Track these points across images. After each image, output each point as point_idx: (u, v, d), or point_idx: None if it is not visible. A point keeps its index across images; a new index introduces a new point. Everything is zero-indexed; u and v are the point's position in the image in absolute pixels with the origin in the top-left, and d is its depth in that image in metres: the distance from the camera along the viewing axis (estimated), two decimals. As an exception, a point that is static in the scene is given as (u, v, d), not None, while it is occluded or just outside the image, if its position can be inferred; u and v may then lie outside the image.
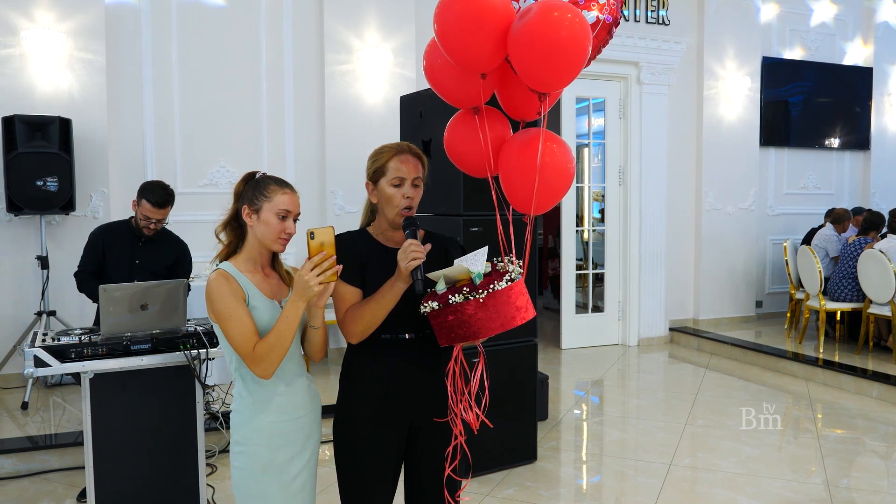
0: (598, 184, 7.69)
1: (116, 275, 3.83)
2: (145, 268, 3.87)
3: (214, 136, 6.08)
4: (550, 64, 1.88)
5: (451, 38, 1.95)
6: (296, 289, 1.93)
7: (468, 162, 2.27)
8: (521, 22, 1.85)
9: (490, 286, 1.85)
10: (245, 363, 1.99)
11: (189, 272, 4.08)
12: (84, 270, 3.96)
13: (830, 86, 8.62)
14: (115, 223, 4.11)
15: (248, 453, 2.05)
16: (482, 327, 1.86)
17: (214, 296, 1.99)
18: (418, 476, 2.16)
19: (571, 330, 7.27)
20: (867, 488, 3.82)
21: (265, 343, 1.95)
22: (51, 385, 5.40)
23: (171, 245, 4.02)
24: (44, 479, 3.91)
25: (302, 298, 1.92)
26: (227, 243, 2.11)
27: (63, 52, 5.47)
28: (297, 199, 2.09)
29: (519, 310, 1.89)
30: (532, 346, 4.12)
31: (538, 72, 1.91)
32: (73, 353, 2.73)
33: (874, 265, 6.14)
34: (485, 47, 1.92)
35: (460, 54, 1.97)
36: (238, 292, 2.00)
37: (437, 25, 1.96)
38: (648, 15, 7.42)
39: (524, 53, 1.88)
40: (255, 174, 2.10)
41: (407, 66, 6.43)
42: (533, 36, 1.83)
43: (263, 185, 2.06)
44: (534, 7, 1.85)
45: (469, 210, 3.86)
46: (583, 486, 4.06)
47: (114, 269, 3.89)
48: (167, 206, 3.82)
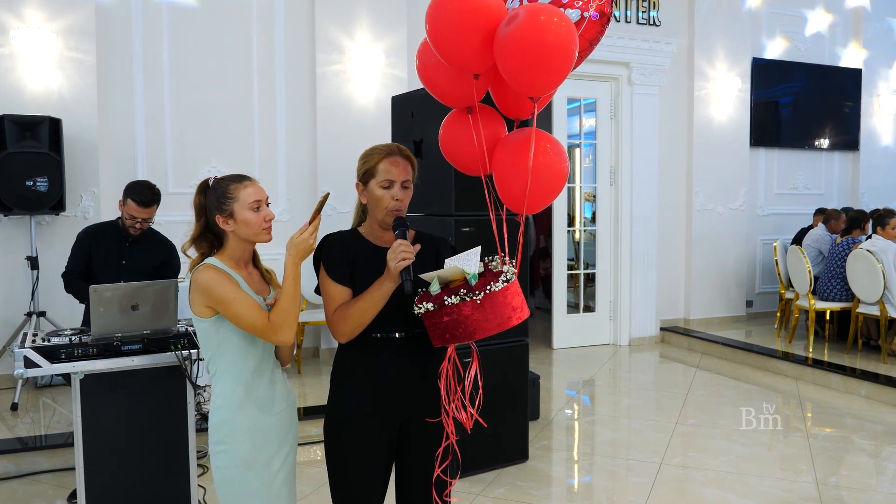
0: (590, 184, 7.71)
1: (104, 275, 3.81)
2: (133, 268, 3.85)
3: (205, 137, 6.06)
4: (537, 70, 1.88)
5: (443, 38, 1.95)
6: (294, 251, 1.98)
7: (463, 160, 2.27)
8: (507, 29, 1.85)
9: (487, 287, 1.85)
10: (264, 337, 2.02)
11: (178, 272, 4.07)
12: (71, 271, 3.95)
13: (820, 87, 8.67)
14: (103, 224, 4.10)
15: (230, 451, 2.05)
16: (478, 328, 1.86)
17: (212, 284, 1.99)
18: (409, 475, 2.17)
19: (563, 330, 7.29)
20: (856, 486, 3.85)
21: (278, 310, 1.99)
22: (41, 386, 5.37)
23: (158, 245, 4.00)
24: (34, 480, 3.89)
25: (299, 256, 1.98)
26: (199, 255, 2.12)
27: (53, 52, 5.44)
28: (259, 185, 2.11)
29: (515, 310, 1.90)
30: (523, 346, 4.13)
31: (524, 78, 1.91)
32: (63, 354, 2.72)
33: (862, 265, 6.18)
34: (476, 48, 1.92)
35: (452, 55, 1.97)
36: (232, 278, 2.02)
37: (429, 26, 1.96)
38: (639, 16, 7.44)
39: (510, 60, 1.88)
40: (207, 182, 2.11)
41: (398, 66, 6.43)
42: (518, 43, 1.82)
43: (222, 189, 2.07)
44: (519, 13, 1.84)
45: (461, 210, 3.87)
46: (574, 485, 4.07)
47: (101, 270, 3.87)
48: (153, 206, 3.80)
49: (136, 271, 3.81)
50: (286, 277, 1.99)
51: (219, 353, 2.06)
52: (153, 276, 3.83)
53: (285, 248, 2.00)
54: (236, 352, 2.06)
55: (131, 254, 3.91)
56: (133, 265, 3.88)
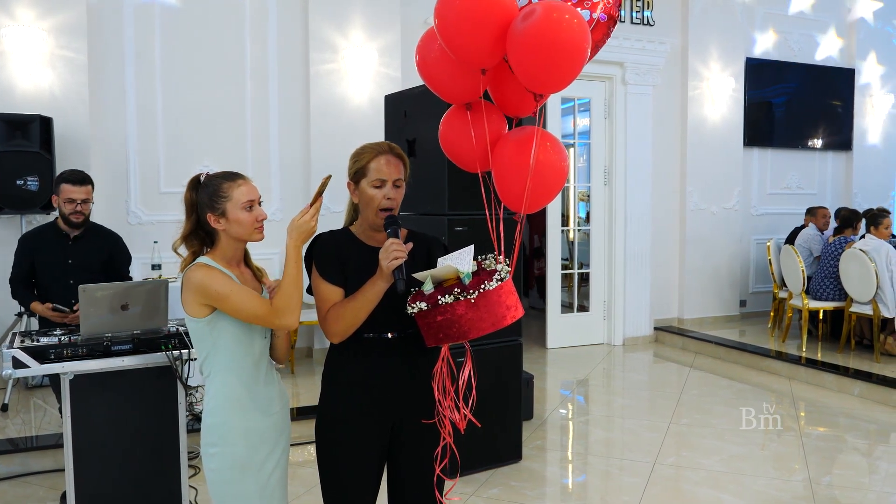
0: (584, 184, 7.71)
1: (49, 277, 3.63)
2: (80, 266, 3.63)
3: (198, 136, 6.03)
4: (551, 68, 1.87)
5: (455, 32, 1.91)
6: (295, 233, 1.97)
7: (463, 156, 2.24)
8: (524, 24, 1.83)
9: (481, 286, 1.84)
10: (267, 324, 2.01)
11: (128, 263, 3.88)
12: (16, 278, 3.74)
13: (813, 87, 8.69)
14: (41, 227, 3.87)
15: (224, 454, 2.03)
16: (472, 327, 1.85)
17: (206, 281, 1.97)
18: (401, 476, 2.16)
19: (557, 329, 7.28)
20: (849, 485, 3.86)
21: (281, 293, 1.98)
22: (31, 387, 5.34)
23: (102, 240, 3.79)
24: (24, 481, 3.86)
25: (301, 239, 1.97)
26: (190, 253, 2.09)
27: (44, 50, 5.40)
28: (251, 184, 2.09)
29: (509, 308, 1.88)
30: (517, 346, 4.12)
31: (538, 75, 1.90)
32: (52, 354, 2.69)
33: (856, 264, 6.19)
34: (489, 43, 1.90)
35: (463, 49, 1.94)
36: (225, 274, 2.01)
37: (439, 20, 1.92)
38: (633, 16, 7.45)
39: (525, 56, 1.86)
40: (198, 178, 2.08)
41: (392, 65, 6.42)
42: (535, 39, 1.81)
43: (216, 187, 2.04)
44: (536, 9, 1.82)
45: (454, 210, 3.85)
46: (568, 485, 4.07)
47: (46, 273, 3.67)
48: (87, 184, 3.62)
49: (83, 269, 3.60)
50: (288, 260, 1.97)
51: (213, 353, 2.04)
52: (102, 273, 3.65)
53: (286, 232, 1.98)
54: (232, 352, 2.03)
55: (76, 252, 3.68)
56: (79, 263, 3.66)
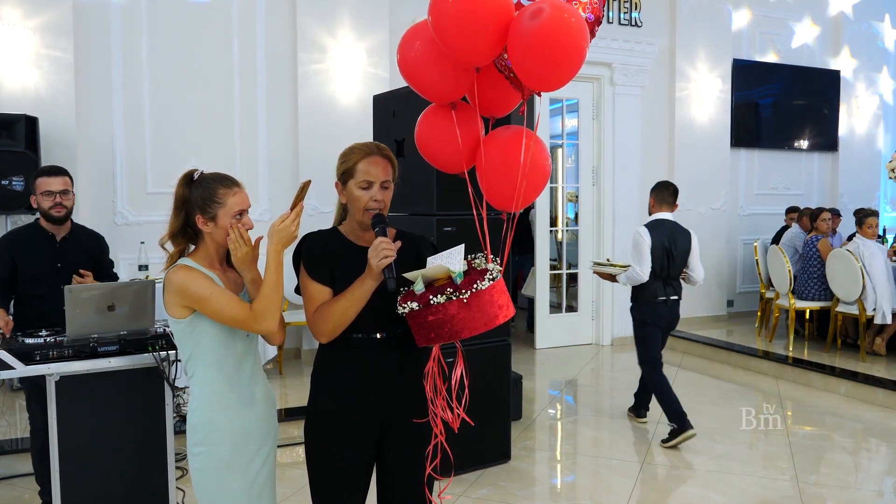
0: (572, 184, 7.73)
1: (36, 282, 3.42)
2: (69, 269, 3.42)
3: (185, 136, 6.00)
4: (555, 67, 1.88)
5: (451, 30, 1.90)
6: (276, 238, 1.94)
7: (443, 157, 2.24)
8: (532, 23, 1.82)
9: (473, 286, 1.83)
10: (247, 328, 2.00)
11: (112, 264, 3.74)
12: None
13: (800, 88, 8.76)
14: (21, 229, 3.58)
15: (210, 453, 2.03)
16: (465, 327, 1.84)
17: (187, 283, 1.95)
18: (390, 476, 2.15)
19: (545, 330, 7.30)
20: (835, 484, 3.88)
21: (261, 298, 1.97)
22: (17, 389, 5.28)
23: (90, 240, 3.62)
24: (9, 484, 3.83)
25: (281, 244, 1.95)
26: (177, 250, 2.07)
27: (30, 50, 5.35)
28: (245, 192, 2.08)
29: (501, 308, 1.88)
30: (505, 346, 4.12)
31: (541, 72, 1.90)
32: (38, 355, 2.67)
33: (842, 264, 6.24)
34: (489, 40, 1.90)
35: (461, 48, 1.93)
36: (207, 276, 1.99)
37: (434, 18, 1.91)
38: (621, 17, 7.47)
39: (529, 54, 1.87)
40: (192, 174, 2.05)
41: (381, 65, 6.41)
42: (543, 38, 1.81)
43: (211, 189, 2.01)
44: (543, 8, 1.82)
45: (443, 210, 3.85)
46: (557, 485, 4.07)
47: (33, 278, 3.44)
48: (64, 174, 3.44)
49: (73, 272, 3.40)
50: (268, 265, 1.96)
51: (196, 352, 2.03)
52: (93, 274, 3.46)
53: (266, 236, 1.97)
54: (214, 351, 2.03)
55: (64, 255, 3.48)
56: (68, 266, 3.44)
